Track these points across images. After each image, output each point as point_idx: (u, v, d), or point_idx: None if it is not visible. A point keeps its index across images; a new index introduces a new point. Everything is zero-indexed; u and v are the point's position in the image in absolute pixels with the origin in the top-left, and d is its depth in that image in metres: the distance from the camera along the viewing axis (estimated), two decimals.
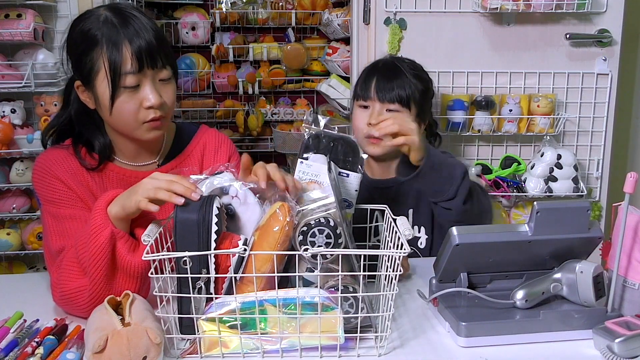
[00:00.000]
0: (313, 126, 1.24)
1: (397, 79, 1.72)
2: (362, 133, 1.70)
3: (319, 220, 1.08)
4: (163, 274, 1.08)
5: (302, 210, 1.12)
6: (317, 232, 1.08)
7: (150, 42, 1.30)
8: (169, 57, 1.35)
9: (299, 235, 1.09)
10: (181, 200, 1.12)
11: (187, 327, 1.10)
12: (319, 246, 1.08)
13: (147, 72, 1.30)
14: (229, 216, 1.17)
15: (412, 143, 1.47)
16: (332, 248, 1.08)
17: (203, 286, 1.09)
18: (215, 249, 1.08)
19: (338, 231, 1.08)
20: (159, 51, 1.31)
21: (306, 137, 1.23)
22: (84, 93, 1.35)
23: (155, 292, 1.08)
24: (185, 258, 1.07)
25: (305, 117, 1.27)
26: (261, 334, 1.07)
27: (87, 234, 1.19)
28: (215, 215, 1.09)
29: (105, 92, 1.29)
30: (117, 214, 1.19)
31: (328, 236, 1.08)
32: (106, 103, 1.30)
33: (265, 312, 1.06)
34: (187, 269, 1.07)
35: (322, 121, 1.24)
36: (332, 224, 1.08)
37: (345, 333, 1.06)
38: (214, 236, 1.09)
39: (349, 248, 1.10)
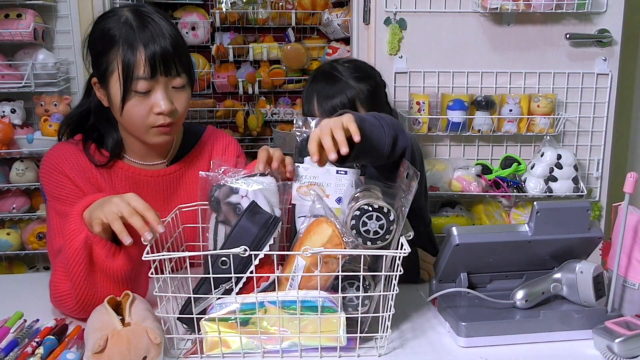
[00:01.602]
0: (304, 129, 1.23)
1: (338, 94, 1.65)
2: None
3: (383, 208, 1.08)
4: (163, 274, 1.08)
5: (373, 190, 1.12)
6: (374, 217, 1.07)
7: (165, 48, 1.29)
8: (185, 65, 1.34)
9: (356, 210, 1.07)
10: (128, 241, 1.11)
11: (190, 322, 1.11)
12: (367, 230, 1.08)
13: (159, 79, 1.30)
14: (237, 215, 1.17)
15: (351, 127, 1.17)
16: (379, 239, 1.08)
17: (226, 289, 1.09)
18: (255, 267, 1.08)
19: (391, 228, 1.08)
20: (174, 59, 1.31)
21: (299, 140, 1.23)
22: (99, 90, 1.37)
23: (156, 292, 1.08)
24: (224, 258, 1.07)
25: (295, 122, 1.26)
26: (262, 333, 1.07)
27: (65, 238, 1.19)
28: (274, 237, 1.11)
29: (118, 93, 1.30)
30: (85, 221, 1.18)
31: (381, 227, 1.08)
32: (117, 104, 1.31)
33: (267, 312, 1.06)
34: (224, 268, 1.07)
35: (313, 122, 1.24)
36: (391, 217, 1.08)
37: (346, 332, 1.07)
38: (261, 255, 1.09)
39: (389, 248, 1.09)
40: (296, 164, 1.22)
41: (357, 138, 1.08)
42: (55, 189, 1.36)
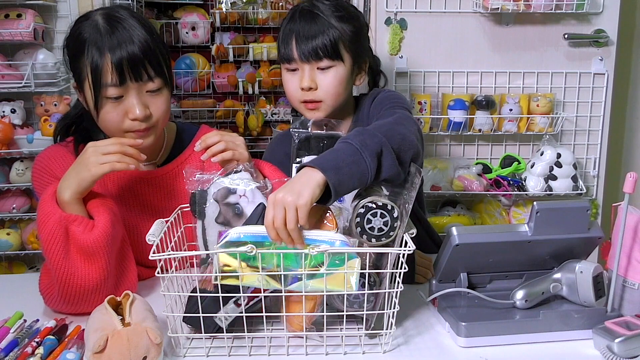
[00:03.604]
0: (301, 129, 1.24)
1: (319, 34, 1.48)
2: (296, 99, 1.53)
3: (386, 206, 1.08)
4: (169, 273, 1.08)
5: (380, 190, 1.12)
6: (378, 214, 1.08)
7: (132, 54, 1.26)
8: (158, 69, 1.30)
9: (360, 208, 1.08)
10: (122, 166, 1.20)
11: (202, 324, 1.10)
12: (372, 227, 1.08)
13: (130, 85, 1.27)
14: (237, 215, 1.17)
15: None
16: (384, 236, 1.09)
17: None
18: None
19: (395, 225, 1.09)
20: (144, 63, 1.27)
21: (296, 141, 1.23)
22: (79, 95, 1.35)
23: (162, 291, 1.08)
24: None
25: (292, 122, 1.27)
26: (268, 271, 1.05)
27: (39, 221, 1.20)
28: None
29: (91, 100, 1.29)
30: (73, 195, 1.20)
31: (385, 224, 1.08)
32: (93, 110, 1.30)
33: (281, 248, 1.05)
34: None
35: (310, 122, 1.24)
36: (395, 214, 1.08)
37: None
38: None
39: (392, 245, 1.10)
40: (294, 165, 1.22)
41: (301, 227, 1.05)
42: None
